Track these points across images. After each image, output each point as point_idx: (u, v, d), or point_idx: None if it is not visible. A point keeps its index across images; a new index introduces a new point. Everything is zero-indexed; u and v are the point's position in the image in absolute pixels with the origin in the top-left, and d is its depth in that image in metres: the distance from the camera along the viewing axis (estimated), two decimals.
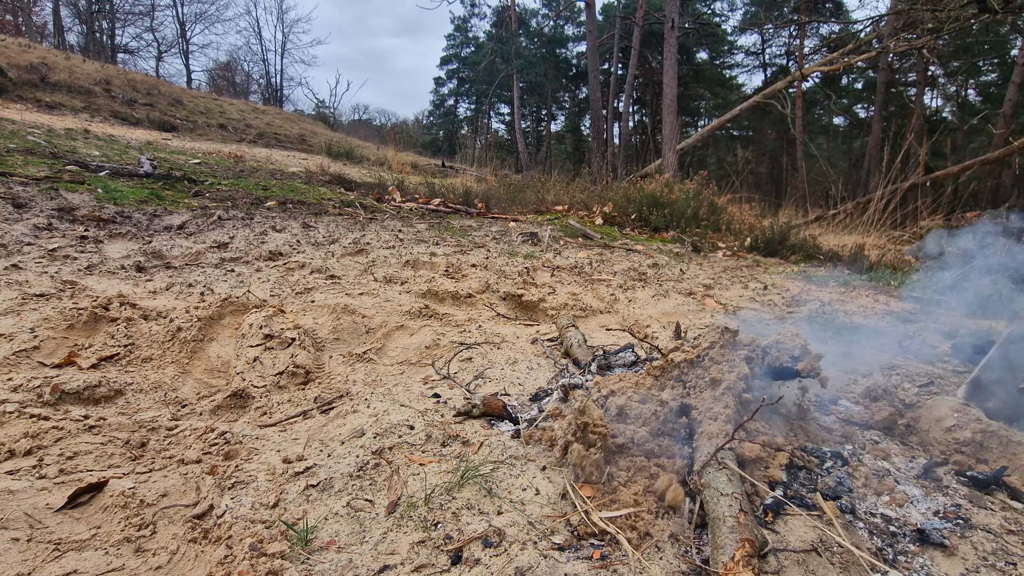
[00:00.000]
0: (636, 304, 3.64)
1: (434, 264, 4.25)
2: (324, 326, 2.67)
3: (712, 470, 1.37)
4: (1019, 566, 1.23)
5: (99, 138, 9.78)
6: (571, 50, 32.32)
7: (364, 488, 1.46)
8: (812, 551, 1.26)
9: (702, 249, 6.51)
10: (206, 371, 2.28)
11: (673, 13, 12.26)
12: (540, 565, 1.17)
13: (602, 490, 1.41)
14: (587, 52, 18.70)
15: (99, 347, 2.26)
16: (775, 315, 3.54)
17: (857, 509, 1.42)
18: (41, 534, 1.27)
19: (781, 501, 1.41)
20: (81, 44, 30.81)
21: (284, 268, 3.82)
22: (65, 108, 13.60)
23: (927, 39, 12.04)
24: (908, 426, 1.84)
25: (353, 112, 47.24)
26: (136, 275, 3.37)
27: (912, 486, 1.54)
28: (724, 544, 1.17)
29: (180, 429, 1.78)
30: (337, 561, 1.20)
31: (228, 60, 39.91)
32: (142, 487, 1.46)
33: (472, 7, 32.38)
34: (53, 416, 1.73)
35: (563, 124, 35.63)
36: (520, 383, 2.19)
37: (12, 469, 1.48)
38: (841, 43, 16.72)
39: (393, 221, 6.42)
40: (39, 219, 4.09)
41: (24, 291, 2.72)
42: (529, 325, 3.08)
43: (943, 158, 18.75)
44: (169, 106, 17.43)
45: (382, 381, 2.21)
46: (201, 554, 1.27)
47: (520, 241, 5.84)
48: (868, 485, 1.53)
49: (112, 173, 6.32)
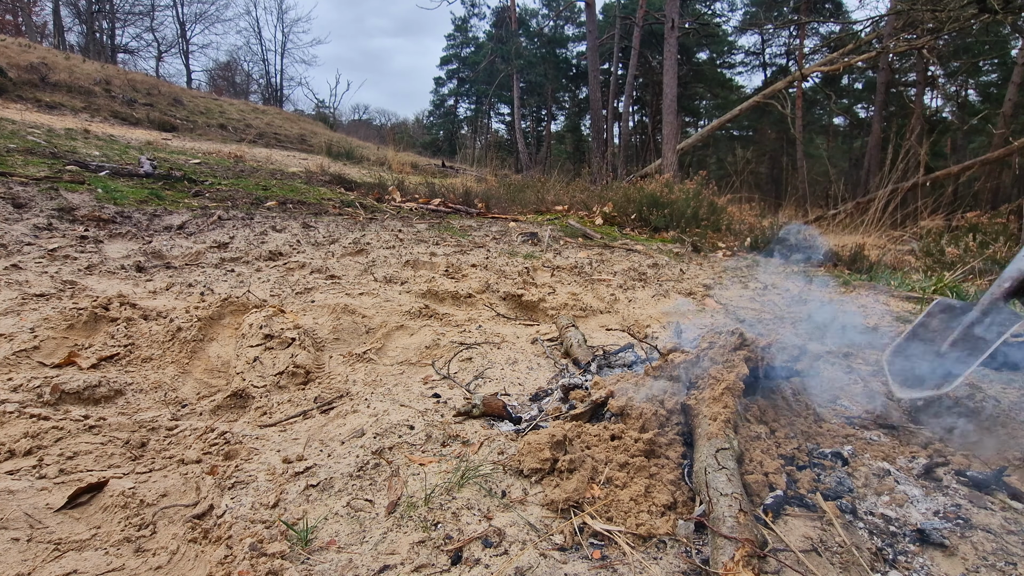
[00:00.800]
0: (636, 304, 3.64)
1: (434, 264, 4.25)
2: (324, 326, 2.67)
3: (712, 470, 1.37)
4: (1019, 566, 1.23)
5: (99, 138, 9.78)
6: (571, 50, 32.33)
7: (364, 488, 1.46)
8: (812, 551, 1.26)
9: (702, 249, 6.51)
10: (206, 371, 2.28)
11: (673, 13, 12.26)
12: (540, 565, 1.17)
13: (602, 490, 1.41)
14: (587, 52, 18.70)
15: (99, 347, 2.26)
16: (775, 315, 3.54)
17: (857, 509, 1.42)
18: (41, 534, 1.27)
19: (781, 501, 1.41)
20: (81, 44, 30.81)
21: (284, 268, 3.82)
22: (65, 108, 13.60)
23: (927, 39, 12.04)
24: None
25: (353, 112, 47.30)
26: (136, 275, 3.37)
27: (912, 486, 1.54)
28: (724, 544, 1.17)
29: (180, 429, 1.78)
30: (337, 561, 1.20)
31: (228, 60, 39.93)
32: (142, 487, 1.46)
33: (472, 7, 32.39)
34: (53, 416, 1.73)
35: (563, 124, 35.64)
36: (520, 383, 2.20)
37: (12, 469, 1.48)
38: (841, 43, 16.72)
39: (393, 221, 6.42)
40: (39, 219, 4.09)
41: (24, 291, 2.72)
42: (529, 325, 3.08)
43: (943, 158, 18.75)
44: (169, 106, 17.43)
45: (382, 381, 2.21)
46: (201, 554, 1.27)
47: (520, 241, 5.84)
48: (868, 485, 1.53)
49: (112, 173, 6.32)
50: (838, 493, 1.48)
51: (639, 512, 1.34)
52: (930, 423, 1.90)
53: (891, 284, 4.95)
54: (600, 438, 1.59)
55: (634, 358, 2.37)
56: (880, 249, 7.39)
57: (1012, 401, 2.11)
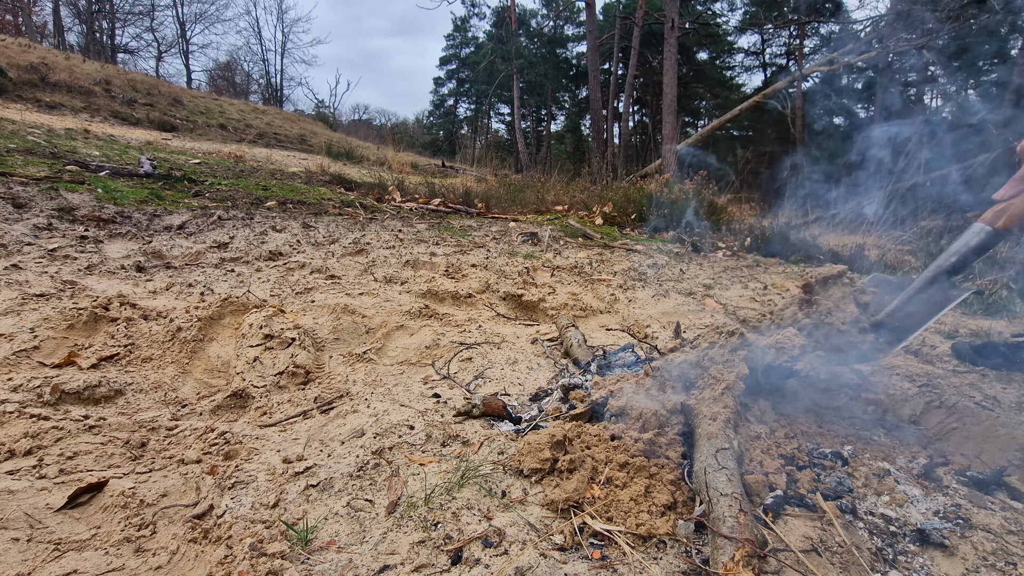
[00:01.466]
0: (636, 304, 3.64)
1: (434, 264, 4.25)
2: (324, 326, 2.67)
3: (712, 470, 1.37)
4: (1019, 566, 1.23)
5: (99, 138, 9.78)
6: (571, 50, 32.34)
7: (364, 488, 1.46)
8: (812, 551, 1.26)
9: (702, 249, 6.51)
10: (206, 371, 2.28)
11: (673, 13, 12.26)
12: (540, 565, 1.17)
13: (602, 490, 1.41)
14: (587, 52, 18.70)
15: (99, 347, 2.26)
16: (775, 315, 3.54)
17: (857, 509, 1.42)
18: (41, 534, 1.27)
19: (781, 501, 1.41)
20: (81, 44, 30.82)
21: (284, 268, 3.82)
22: (65, 108, 13.60)
23: (927, 39, 12.04)
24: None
25: (353, 112, 47.33)
26: (136, 275, 3.37)
27: (912, 486, 1.54)
28: (724, 544, 1.17)
29: (180, 429, 1.78)
30: (337, 561, 1.20)
31: (228, 60, 39.95)
32: (142, 487, 1.46)
33: (472, 7, 32.40)
34: (53, 416, 1.73)
35: (563, 124, 35.65)
36: (520, 383, 2.20)
37: (12, 469, 1.48)
38: (841, 43, 16.71)
39: (393, 221, 6.42)
40: (39, 219, 4.09)
41: (24, 291, 2.72)
42: (529, 325, 3.08)
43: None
44: (169, 106, 17.44)
45: (382, 381, 2.21)
46: (201, 554, 1.27)
47: (520, 241, 5.84)
48: (868, 485, 1.53)
49: (112, 173, 6.31)
50: (838, 493, 1.48)
51: (639, 512, 1.34)
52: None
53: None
54: (600, 438, 1.59)
55: (634, 358, 2.37)
56: (880, 249, 7.39)
57: (1012, 401, 2.11)
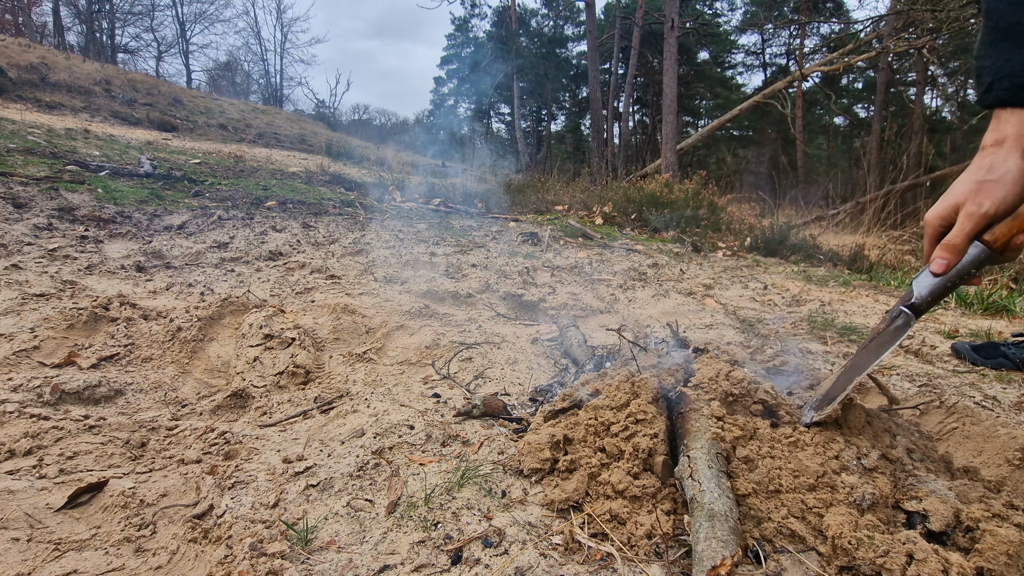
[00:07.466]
0: (636, 304, 3.64)
1: (434, 264, 4.25)
2: (324, 326, 2.67)
3: (700, 467, 1.37)
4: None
5: (99, 138, 9.78)
6: (571, 50, 32.36)
7: (364, 488, 1.46)
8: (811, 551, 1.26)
9: (702, 249, 6.52)
10: (206, 371, 2.28)
11: (673, 13, 12.26)
12: (540, 565, 1.17)
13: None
14: (587, 52, 18.71)
15: (99, 347, 2.26)
16: (775, 315, 3.54)
17: None
18: (41, 534, 1.27)
19: None
20: (81, 44, 30.83)
21: (284, 268, 3.83)
22: (65, 108, 13.60)
23: (927, 39, 12.04)
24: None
25: (353, 112, 47.33)
26: (136, 275, 3.37)
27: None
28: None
29: (180, 429, 1.78)
30: (337, 561, 1.20)
31: (228, 60, 39.97)
32: (142, 487, 1.46)
33: (472, 7, 32.42)
34: (53, 416, 1.73)
35: (563, 124, 35.66)
36: (520, 383, 2.20)
37: (12, 469, 1.48)
38: (841, 43, 16.72)
39: (393, 221, 6.42)
40: (39, 219, 4.09)
41: (24, 291, 2.72)
42: (529, 325, 3.08)
43: (943, 158, 18.73)
44: (169, 106, 17.44)
45: (382, 381, 2.21)
46: (201, 554, 1.27)
47: (520, 241, 5.84)
48: None
49: (112, 173, 6.32)
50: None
51: (638, 512, 1.34)
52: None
53: (891, 284, 4.95)
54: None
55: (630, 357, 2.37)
56: (880, 249, 7.40)
57: (1012, 401, 2.10)
